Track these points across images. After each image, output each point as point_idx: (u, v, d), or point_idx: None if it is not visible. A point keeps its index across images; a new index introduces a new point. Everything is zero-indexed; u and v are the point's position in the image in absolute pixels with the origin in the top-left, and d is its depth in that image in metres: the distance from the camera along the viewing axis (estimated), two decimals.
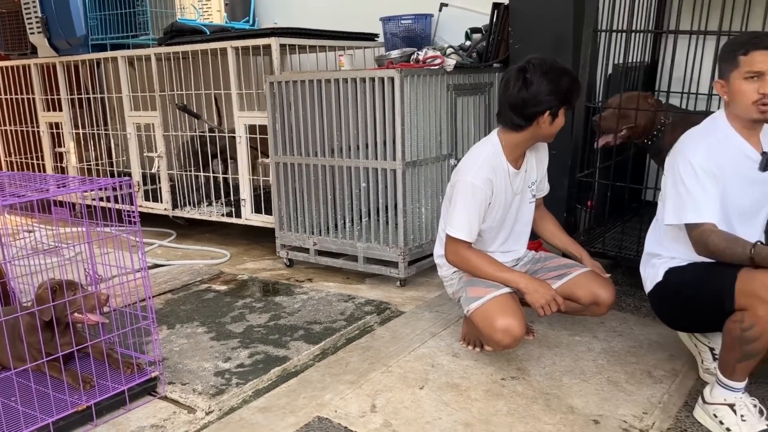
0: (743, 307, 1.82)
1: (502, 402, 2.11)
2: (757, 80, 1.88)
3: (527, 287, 2.19)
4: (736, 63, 1.91)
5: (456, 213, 2.23)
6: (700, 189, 1.93)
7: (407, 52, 3.25)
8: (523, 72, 2.16)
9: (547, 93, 2.12)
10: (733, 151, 1.99)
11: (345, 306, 2.94)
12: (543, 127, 2.19)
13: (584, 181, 3.15)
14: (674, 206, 1.99)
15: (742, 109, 1.94)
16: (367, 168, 3.12)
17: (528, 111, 2.16)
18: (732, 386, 1.92)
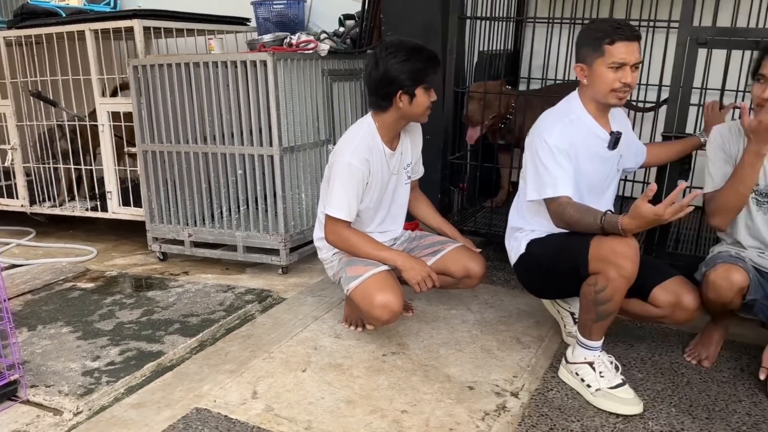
0: (596, 271, 1.97)
1: (383, 377, 2.15)
2: (620, 70, 2.02)
3: (404, 265, 2.24)
4: (601, 51, 2.03)
5: (334, 193, 2.24)
6: (556, 166, 2.07)
7: (280, 36, 3.21)
8: (374, 55, 2.20)
9: (397, 72, 2.15)
10: (585, 131, 2.14)
11: (224, 296, 2.87)
12: (404, 108, 2.22)
13: (456, 164, 3.27)
14: (534, 183, 2.12)
15: (601, 95, 2.09)
16: (243, 154, 3.05)
17: (382, 91, 2.20)
18: (590, 346, 2.08)
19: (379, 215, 2.43)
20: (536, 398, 2.04)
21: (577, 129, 2.13)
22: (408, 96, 2.19)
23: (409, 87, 2.17)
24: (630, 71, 2.02)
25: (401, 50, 2.16)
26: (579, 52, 2.12)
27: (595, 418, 1.94)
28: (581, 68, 2.11)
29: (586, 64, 2.09)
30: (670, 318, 2.14)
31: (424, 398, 2.03)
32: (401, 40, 2.21)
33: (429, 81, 2.20)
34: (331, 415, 1.94)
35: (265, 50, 2.97)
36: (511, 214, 2.37)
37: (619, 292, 1.96)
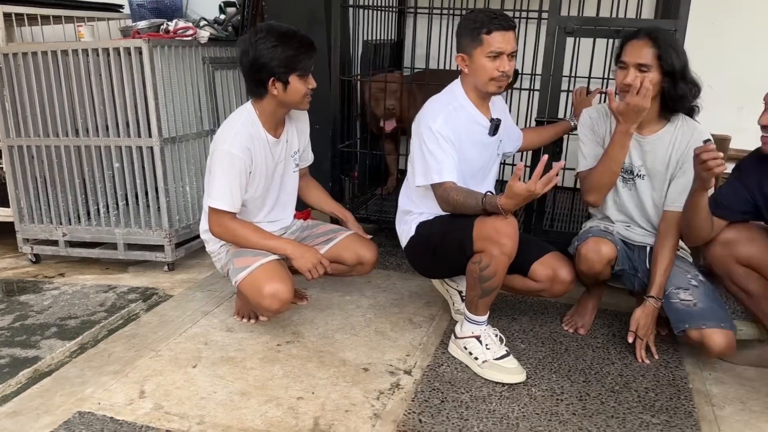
0: (480, 249, 2.06)
1: (278, 366, 2.13)
2: (497, 59, 2.11)
3: (293, 253, 2.23)
4: (479, 41, 2.10)
5: (216, 183, 2.17)
6: (441, 152, 2.13)
7: (156, 23, 3.06)
8: (245, 39, 2.13)
9: (267, 59, 2.09)
10: (467, 119, 2.23)
11: (105, 297, 2.72)
12: (279, 95, 2.15)
13: (347, 152, 3.29)
14: (421, 169, 2.18)
15: (482, 83, 2.17)
16: (120, 147, 2.90)
17: (254, 78, 2.14)
18: (477, 321, 2.17)
19: (267, 204, 2.40)
20: (428, 374, 2.11)
21: (460, 116, 2.20)
22: (282, 83, 2.13)
23: (281, 74, 2.11)
24: (507, 60, 2.11)
25: (272, 36, 2.09)
26: (459, 43, 2.18)
27: (483, 388, 2.04)
28: (462, 58, 2.18)
29: (466, 54, 2.16)
30: (549, 291, 2.28)
31: (319, 383, 2.04)
32: (272, 25, 2.15)
33: (303, 68, 2.14)
34: (225, 408, 1.90)
35: (140, 37, 2.83)
36: (401, 199, 2.42)
37: (501, 269, 2.05)
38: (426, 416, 1.88)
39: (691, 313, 2.10)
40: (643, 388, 2.07)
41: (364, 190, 3.57)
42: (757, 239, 2.12)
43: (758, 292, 2.15)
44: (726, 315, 2.12)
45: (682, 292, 2.16)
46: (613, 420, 1.90)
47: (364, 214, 3.26)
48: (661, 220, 2.26)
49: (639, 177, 2.28)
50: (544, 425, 1.86)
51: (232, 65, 3.26)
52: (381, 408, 1.92)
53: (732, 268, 2.14)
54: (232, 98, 3.28)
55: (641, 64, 2.10)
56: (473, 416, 1.89)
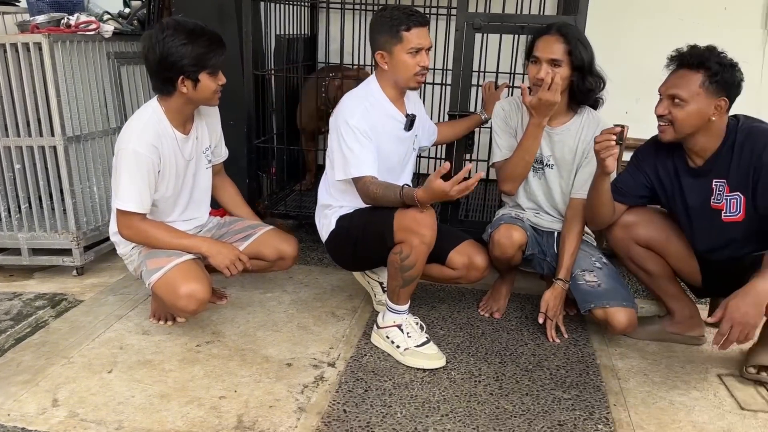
0: (401, 240, 2.11)
1: (198, 367, 2.10)
2: (418, 54, 2.16)
3: (210, 250, 2.19)
4: (399, 38, 2.14)
5: (122, 184, 2.09)
6: (359, 147, 2.16)
7: (56, 17, 2.92)
8: (151, 36, 2.06)
9: (177, 57, 2.03)
10: (383, 114, 2.26)
11: (10, 305, 2.57)
12: (189, 93, 2.10)
13: (264, 148, 3.26)
14: (341, 163, 2.20)
15: (404, 80, 2.21)
16: (20, 147, 2.74)
17: (162, 76, 2.07)
18: (398, 310, 2.22)
19: (180, 203, 2.33)
20: (352, 365, 2.14)
21: (377, 112, 2.24)
22: (191, 81, 2.07)
23: (191, 72, 2.05)
24: (425, 55, 2.18)
25: (180, 33, 2.02)
26: (377, 40, 2.20)
27: (405, 375, 2.09)
28: (382, 55, 2.20)
29: (386, 51, 2.19)
30: (465, 278, 2.36)
31: (242, 381, 2.02)
32: (179, 21, 2.08)
33: (214, 65, 2.09)
34: (144, 412, 1.85)
35: (39, 32, 2.69)
36: (320, 193, 2.43)
37: (421, 258, 2.11)
38: (350, 406, 1.91)
39: (596, 293, 2.23)
40: (554, 366, 2.19)
41: (283, 186, 3.55)
42: (655, 222, 2.29)
43: (656, 271, 2.31)
44: (628, 294, 2.27)
45: (588, 273, 2.29)
46: (528, 397, 2.00)
47: (283, 210, 3.25)
48: (568, 207, 2.38)
49: (548, 167, 2.40)
50: (464, 406, 1.93)
51: (139, 60, 3.15)
52: (305, 401, 1.93)
53: (632, 249, 2.29)
54: (140, 94, 3.18)
55: (553, 60, 2.20)
56: (396, 403, 1.94)
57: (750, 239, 2.09)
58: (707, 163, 2.09)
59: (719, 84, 1.96)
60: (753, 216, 2.04)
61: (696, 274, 2.29)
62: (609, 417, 1.91)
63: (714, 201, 2.10)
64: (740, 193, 2.04)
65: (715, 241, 2.15)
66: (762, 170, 1.97)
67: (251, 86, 3.02)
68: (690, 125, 2.00)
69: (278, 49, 3.37)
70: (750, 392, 2.08)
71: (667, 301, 2.37)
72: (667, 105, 2.01)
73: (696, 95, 1.96)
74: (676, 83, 1.99)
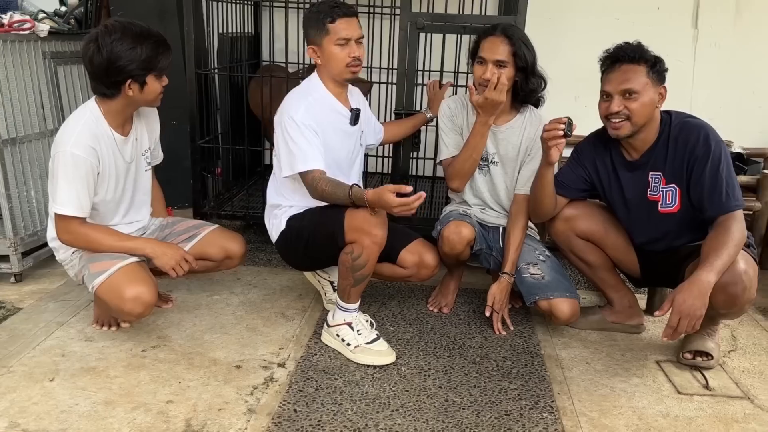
0: (352, 240, 2.11)
1: (144, 372, 2.06)
2: (347, 45, 2.17)
3: (154, 251, 2.15)
4: (326, 30, 2.15)
5: (60, 188, 2.03)
6: (305, 141, 2.16)
7: None
8: (95, 39, 2.00)
9: (124, 61, 1.99)
10: (327, 109, 2.27)
11: None
12: (134, 95, 2.07)
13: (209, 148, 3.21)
14: (287, 160, 2.19)
15: (337, 72, 2.22)
16: None
17: (109, 80, 2.03)
18: (349, 308, 2.23)
19: (122, 207, 2.28)
20: (302, 365, 2.14)
21: (321, 106, 2.24)
22: (138, 84, 2.04)
23: (139, 75, 2.02)
24: (356, 45, 2.19)
25: (127, 36, 1.99)
26: (308, 35, 2.22)
27: (355, 373, 2.10)
28: (313, 50, 2.22)
29: (316, 44, 2.20)
30: (416, 276, 2.39)
31: (190, 385, 2.00)
32: (125, 24, 2.04)
33: (162, 67, 2.07)
34: (89, 419, 1.80)
35: None
36: (269, 193, 2.41)
37: (372, 258, 2.12)
38: (301, 405, 1.91)
39: (540, 285, 2.30)
40: (501, 358, 2.24)
41: (229, 186, 3.51)
42: (595, 215, 2.37)
43: (596, 263, 2.40)
44: (570, 285, 2.34)
45: (532, 267, 2.35)
46: (476, 389, 2.04)
47: (230, 210, 3.21)
48: (513, 202, 2.44)
49: (493, 164, 2.45)
50: (413, 401, 1.96)
51: (77, 60, 3.06)
52: (255, 403, 1.92)
53: (573, 241, 2.37)
54: (77, 95, 3.09)
55: (499, 61, 2.25)
56: (347, 400, 1.95)
57: (685, 230, 2.19)
58: (643, 156, 2.17)
59: (658, 73, 2.07)
60: (688, 207, 2.13)
61: (634, 265, 2.38)
62: (553, 405, 1.97)
63: (650, 193, 2.18)
64: (675, 185, 2.14)
65: (652, 233, 2.24)
66: (695, 163, 2.07)
67: (194, 85, 2.98)
68: (645, 116, 2.08)
69: (221, 48, 3.33)
70: (686, 377, 2.17)
71: (607, 292, 2.45)
72: (620, 101, 2.07)
73: (646, 86, 2.05)
74: (627, 78, 2.06)
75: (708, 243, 1.99)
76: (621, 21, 3.72)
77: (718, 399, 2.05)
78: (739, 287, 1.96)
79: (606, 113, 2.11)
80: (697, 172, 2.07)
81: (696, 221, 2.14)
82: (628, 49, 2.07)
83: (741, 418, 1.95)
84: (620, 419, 1.92)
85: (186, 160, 3.08)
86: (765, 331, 2.55)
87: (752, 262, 2.03)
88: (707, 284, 1.89)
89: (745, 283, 1.96)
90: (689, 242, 2.19)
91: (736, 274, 1.95)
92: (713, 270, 1.90)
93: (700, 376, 2.17)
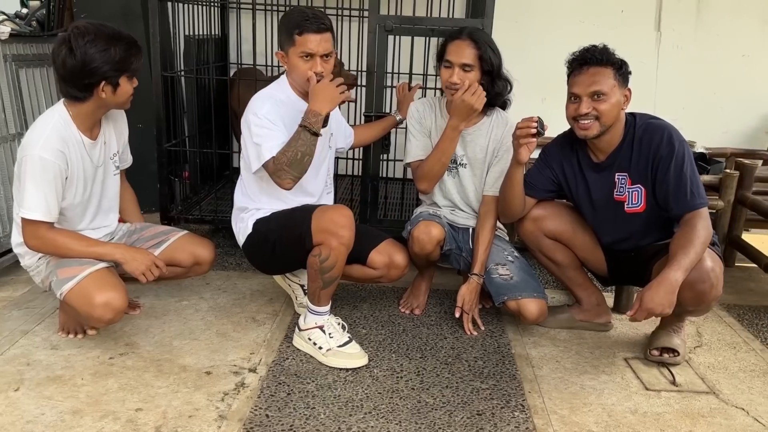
0: (319, 242, 2.11)
1: (112, 380, 2.02)
2: (310, 60, 2.13)
3: (124, 257, 2.11)
4: (293, 41, 2.13)
5: (27, 192, 1.99)
6: (268, 131, 2.12)
7: None
8: (67, 41, 1.97)
9: (98, 62, 1.97)
10: (293, 110, 2.25)
11: None
12: (107, 98, 2.05)
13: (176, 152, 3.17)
14: (254, 153, 2.15)
15: (299, 83, 2.21)
16: None
17: (81, 82, 2.00)
18: (319, 311, 2.22)
19: (89, 212, 2.24)
20: (273, 369, 2.12)
21: (288, 107, 2.22)
22: (112, 86, 2.03)
23: (112, 77, 2.01)
24: (321, 61, 2.14)
25: (100, 38, 1.97)
26: (280, 39, 2.20)
27: (328, 376, 2.09)
28: (282, 55, 2.20)
29: (284, 51, 2.19)
30: (387, 277, 2.39)
31: (159, 393, 1.97)
32: (96, 26, 2.01)
33: (135, 68, 2.07)
34: (55, 429, 1.76)
35: None
36: (236, 196, 2.39)
37: (341, 259, 2.12)
38: (273, 410, 1.90)
39: (509, 286, 2.32)
40: (472, 358, 2.26)
41: (197, 190, 3.47)
42: (563, 215, 2.40)
43: (564, 262, 2.43)
44: (538, 285, 2.37)
45: (501, 267, 2.37)
46: (448, 390, 2.05)
47: (198, 215, 3.18)
48: (481, 203, 2.46)
49: (462, 166, 2.46)
50: (386, 402, 1.96)
51: (40, 63, 3.00)
52: (226, 409, 1.90)
53: (541, 241, 2.40)
54: (41, 98, 3.02)
55: (465, 64, 2.26)
56: (319, 404, 1.94)
57: (651, 229, 2.23)
58: (609, 158, 2.21)
59: (624, 76, 2.12)
60: (653, 207, 2.18)
61: (601, 263, 2.42)
62: (525, 404, 1.99)
63: (617, 193, 2.22)
64: (641, 186, 2.18)
65: (619, 232, 2.28)
66: (659, 162, 2.11)
67: (160, 88, 2.94)
68: (612, 116, 2.12)
69: (188, 50, 3.29)
70: (654, 373, 2.22)
71: (575, 290, 2.49)
72: (589, 103, 2.10)
73: (613, 87, 2.09)
74: (595, 80, 2.09)
75: (675, 241, 2.03)
76: (586, 24, 3.79)
77: (685, 394, 2.10)
78: (706, 285, 2.01)
79: (574, 115, 2.14)
80: (662, 171, 2.11)
81: (661, 220, 2.19)
82: (596, 52, 2.11)
83: (707, 413, 2.00)
84: (590, 416, 1.95)
85: (152, 164, 3.04)
86: (729, 327, 2.61)
87: (718, 259, 2.07)
88: (675, 282, 1.93)
89: (712, 281, 2.01)
90: (655, 241, 2.24)
91: (703, 272, 2.00)
92: (680, 268, 1.94)
93: (667, 372, 2.21)
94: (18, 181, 2.04)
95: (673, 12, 3.84)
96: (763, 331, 2.59)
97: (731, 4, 3.86)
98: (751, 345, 2.46)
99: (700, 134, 3.63)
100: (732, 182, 2.99)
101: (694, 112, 3.94)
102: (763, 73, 3.98)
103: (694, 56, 3.92)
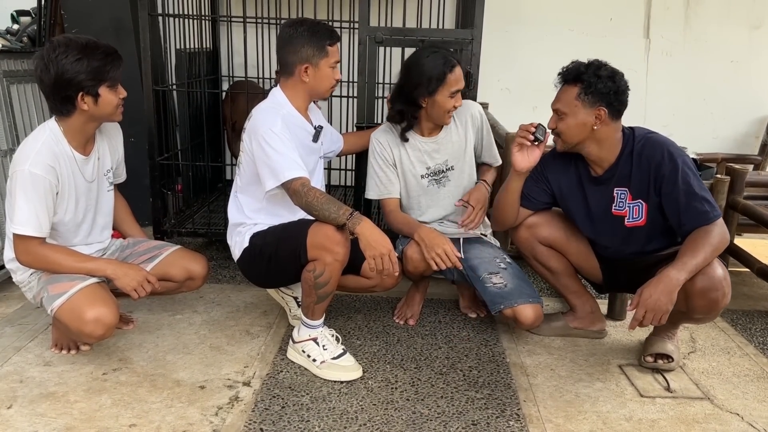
0: (314, 258, 2.10)
1: (105, 396, 2.01)
2: (335, 68, 2.25)
3: (115, 272, 2.10)
4: (326, 53, 2.20)
5: (18, 207, 1.99)
6: (288, 150, 2.13)
7: None
8: (42, 56, 1.98)
9: (71, 73, 1.96)
10: (296, 125, 2.27)
11: None
12: (90, 110, 2.04)
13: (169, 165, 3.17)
14: (269, 171, 2.13)
15: (323, 90, 2.28)
16: None
17: (60, 95, 2.00)
18: (313, 324, 2.21)
19: (83, 228, 2.23)
20: (267, 382, 2.11)
21: (291, 122, 2.24)
22: (92, 97, 2.02)
23: (90, 87, 2.00)
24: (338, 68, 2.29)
25: (72, 49, 1.97)
26: (300, 53, 2.19)
27: (322, 389, 2.09)
28: (306, 68, 2.20)
29: (311, 63, 2.20)
30: (381, 285, 2.38)
31: (153, 408, 1.96)
32: (70, 38, 2.01)
33: (113, 77, 2.04)
34: None
35: None
36: (230, 212, 2.38)
37: (335, 275, 2.11)
38: (267, 424, 1.89)
39: (503, 294, 2.32)
40: (467, 367, 2.25)
41: (190, 203, 3.46)
42: (557, 222, 2.40)
43: (559, 269, 2.43)
44: (532, 290, 2.37)
45: (494, 276, 2.37)
46: (443, 400, 2.04)
47: (191, 228, 3.17)
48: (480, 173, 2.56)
49: (450, 170, 2.48)
50: (381, 414, 1.95)
51: (31, 78, 3.00)
52: (220, 423, 1.89)
53: (536, 248, 2.40)
54: (32, 114, 3.02)
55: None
56: (314, 417, 1.93)
57: (654, 238, 2.22)
58: (607, 172, 2.21)
59: (594, 95, 2.08)
60: (655, 220, 2.17)
61: (596, 271, 2.42)
62: (520, 413, 1.99)
63: (615, 208, 2.22)
64: (642, 201, 2.17)
65: (619, 244, 2.27)
66: (663, 181, 2.09)
67: (151, 102, 2.94)
68: (574, 135, 2.13)
69: (180, 64, 3.30)
70: (648, 380, 2.22)
71: (570, 298, 2.49)
72: (554, 119, 2.15)
73: (574, 107, 2.10)
74: (558, 98, 2.15)
75: (687, 243, 2.02)
76: (575, 32, 3.81)
77: (680, 401, 2.10)
78: (719, 293, 2.01)
79: (549, 127, 2.18)
80: (668, 189, 2.08)
81: (664, 228, 2.18)
82: (569, 70, 2.13)
83: (702, 419, 2.00)
84: (585, 424, 1.95)
85: (145, 178, 3.03)
86: (723, 332, 2.62)
87: (725, 267, 2.06)
88: (676, 281, 1.93)
89: (724, 289, 2.02)
90: (659, 248, 2.22)
91: (716, 281, 2.00)
92: (684, 269, 1.94)
93: (662, 378, 2.21)
94: (9, 196, 2.04)
95: (662, 19, 3.87)
96: (756, 335, 2.60)
97: (719, 11, 3.90)
98: (745, 350, 2.47)
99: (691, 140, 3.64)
100: (723, 187, 3.00)
101: (684, 118, 3.97)
102: (752, 78, 4.01)
103: (684, 63, 3.95)
